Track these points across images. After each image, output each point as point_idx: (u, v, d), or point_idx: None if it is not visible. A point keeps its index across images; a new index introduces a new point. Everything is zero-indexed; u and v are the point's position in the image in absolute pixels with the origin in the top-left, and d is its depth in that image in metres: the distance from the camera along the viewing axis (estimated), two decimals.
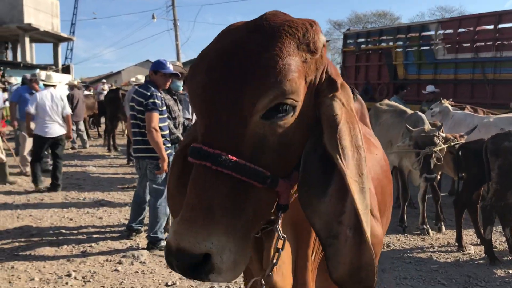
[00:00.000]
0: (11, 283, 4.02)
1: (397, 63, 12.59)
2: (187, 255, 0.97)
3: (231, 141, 1.02)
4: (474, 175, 4.98)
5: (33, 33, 24.78)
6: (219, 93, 1.02)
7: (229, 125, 1.02)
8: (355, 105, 2.48)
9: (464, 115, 7.18)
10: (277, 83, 1.00)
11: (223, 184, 1.01)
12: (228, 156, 1.00)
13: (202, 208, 0.99)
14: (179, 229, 0.99)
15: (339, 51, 50.49)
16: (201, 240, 0.97)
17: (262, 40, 1.04)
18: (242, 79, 1.01)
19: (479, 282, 4.21)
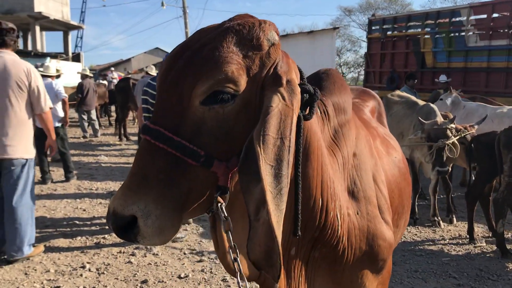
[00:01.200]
0: (27, 275, 4.09)
1: (426, 50, 12.08)
2: (117, 217, 1.10)
3: (172, 121, 1.14)
4: (487, 168, 4.95)
5: (43, 21, 24.85)
6: (167, 80, 1.17)
7: (172, 108, 1.15)
8: (373, 103, 2.49)
9: (476, 105, 7.09)
10: (214, 72, 1.12)
11: (159, 157, 1.13)
12: (165, 133, 1.12)
13: (139, 176, 1.12)
14: (117, 194, 1.13)
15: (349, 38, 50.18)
16: (130, 203, 1.09)
17: (210, 36, 1.18)
18: (185, 68, 1.14)
19: (490, 276, 4.21)
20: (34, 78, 4.21)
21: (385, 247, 1.58)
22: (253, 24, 1.20)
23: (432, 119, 5.50)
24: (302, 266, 1.48)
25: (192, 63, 1.14)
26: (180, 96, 1.14)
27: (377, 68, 13.68)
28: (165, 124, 1.14)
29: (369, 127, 2.07)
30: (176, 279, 4.05)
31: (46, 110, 4.36)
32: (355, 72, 53.73)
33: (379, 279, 1.64)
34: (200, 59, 1.14)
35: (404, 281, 4.10)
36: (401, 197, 1.99)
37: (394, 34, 13.36)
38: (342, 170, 1.51)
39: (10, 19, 23.85)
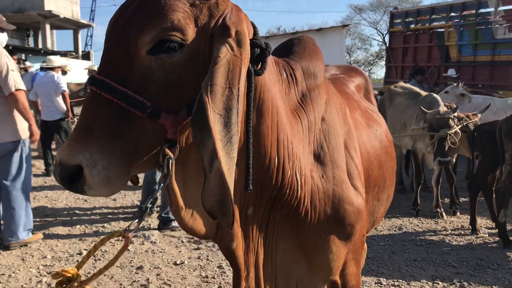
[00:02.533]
0: (24, 260, 4.10)
1: (450, 43, 11.63)
2: (63, 167, 1.08)
3: (119, 71, 1.12)
4: (489, 157, 4.88)
5: (53, 20, 25.03)
6: (114, 30, 1.15)
7: (118, 58, 1.13)
8: (360, 80, 2.45)
9: (483, 98, 6.97)
10: (160, 20, 1.10)
11: (105, 108, 1.11)
12: (111, 83, 1.10)
13: (85, 128, 1.10)
14: (63, 146, 1.12)
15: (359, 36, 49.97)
16: (76, 154, 1.08)
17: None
18: (131, 17, 1.13)
19: (491, 265, 4.14)
20: None
21: (352, 212, 1.55)
22: None
23: (434, 109, 5.42)
24: (262, 227, 1.47)
25: (139, 12, 1.13)
26: (127, 46, 1.12)
27: (399, 62, 13.29)
28: (111, 74, 1.12)
29: (351, 99, 2.05)
30: (171, 266, 4.04)
31: (12, 90, 4.06)
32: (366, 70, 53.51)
33: (349, 246, 1.60)
34: (146, 8, 1.12)
35: (402, 269, 4.04)
36: (382, 169, 1.96)
37: (417, 28, 12.92)
38: (307, 133, 1.49)
39: (21, 18, 24.13)
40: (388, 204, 2.19)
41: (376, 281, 3.80)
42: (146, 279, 3.76)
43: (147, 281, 3.74)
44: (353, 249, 1.65)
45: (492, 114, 6.06)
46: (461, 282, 3.78)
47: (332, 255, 1.57)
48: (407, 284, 3.76)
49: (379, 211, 2.06)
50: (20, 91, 4.14)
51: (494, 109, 6.17)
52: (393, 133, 6.36)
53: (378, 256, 4.32)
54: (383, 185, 2.00)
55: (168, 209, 4.84)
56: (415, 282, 3.78)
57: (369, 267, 4.05)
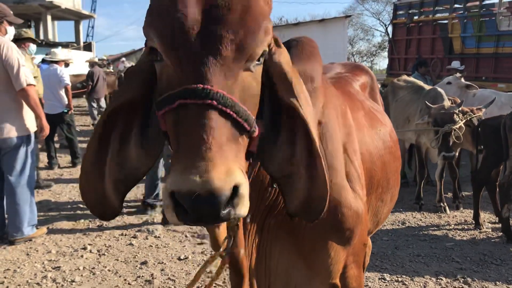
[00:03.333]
0: (29, 255, 4.12)
1: (454, 35, 11.44)
2: (221, 194, 0.91)
3: (227, 84, 1.02)
4: (493, 152, 4.86)
5: (54, 10, 24.95)
6: (213, 39, 1.02)
7: (226, 70, 1.02)
8: (365, 78, 2.44)
9: (489, 92, 6.90)
10: (266, 34, 1.09)
11: (226, 123, 1.00)
12: (230, 97, 1.00)
13: (215, 146, 0.95)
14: (199, 172, 0.91)
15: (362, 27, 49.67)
16: (229, 175, 0.93)
17: None
18: (241, 24, 1.03)
19: (494, 260, 4.15)
20: (7, 53, 4.04)
21: (350, 216, 1.53)
22: None
23: (439, 103, 5.40)
24: (256, 233, 1.47)
25: (250, 20, 1.05)
26: (238, 58, 1.04)
27: (402, 54, 13.14)
28: (222, 86, 1.01)
29: (354, 99, 2.03)
30: (175, 261, 4.05)
31: (23, 86, 4.09)
32: (368, 61, 53.29)
33: (348, 249, 1.59)
34: (255, 16, 1.06)
35: (405, 265, 4.05)
36: (385, 170, 1.95)
37: (420, 19, 12.78)
38: None
39: (22, 9, 24.03)
40: (392, 204, 2.18)
41: (380, 277, 3.81)
42: (150, 274, 3.78)
43: (151, 276, 3.76)
44: (354, 252, 1.64)
45: (497, 108, 6.02)
46: (464, 278, 3.79)
47: (331, 259, 1.56)
48: (410, 280, 3.77)
49: (383, 212, 2.05)
50: (31, 86, 4.15)
51: (499, 104, 6.12)
52: (396, 127, 6.34)
53: (382, 252, 4.33)
54: (387, 186, 2.00)
55: None
56: (418, 278, 3.79)
57: (373, 263, 4.05)
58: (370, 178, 1.84)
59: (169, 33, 1.03)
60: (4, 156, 4.23)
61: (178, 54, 1.03)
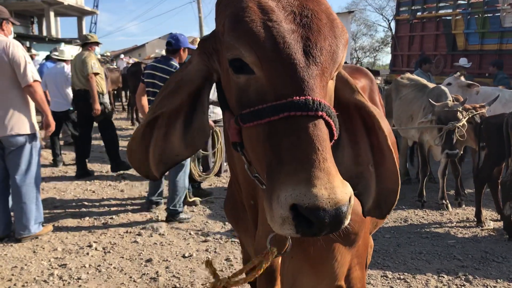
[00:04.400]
0: (36, 253, 4.18)
1: (457, 32, 11.43)
2: (344, 206, 0.95)
3: (324, 95, 1.05)
4: (495, 150, 4.88)
5: (57, 7, 24.98)
6: (308, 51, 1.04)
7: (322, 81, 1.05)
8: (365, 81, 2.47)
9: (492, 89, 6.89)
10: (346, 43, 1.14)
11: (328, 134, 1.03)
12: (332, 108, 1.04)
13: (329, 159, 0.97)
14: (324, 186, 0.93)
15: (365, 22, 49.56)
16: (345, 186, 0.97)
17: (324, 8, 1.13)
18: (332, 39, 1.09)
19: (495, 258, 4.18)
20: (13, 51, 4.11)
21: (356, 221, 1.57)
22: None
23: (443, 101, 5.42)
24: None
25: (337, 35, 1.11)
26: (332, 68, 1.08)
27: (405, 51, 13.11)
28: (324, 97, 1.04)
29: None
30: (180, 258, 4.10)
31: (30, 82, 4.14)
32: (371, 56, 53.17)
33: (353, 252, 1.63)
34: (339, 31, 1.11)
35: (407, 262, 4.09)
36: None
37: (423, 15, 12.73)
38: None
39: (25, 5, 24.08)
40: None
41: (382, 274, 3.85)
42: (155, 272, 3.83)
43: (156, 274, 3.80)
44: (357, 254, 1.68)
45: (501, 105, 6.04)
46: (466, 275, 3.82)
47: (337, 263, 1.59)
48: (412, 277, 3.81)
49: None
50: (36, 82, 4.22)
51: (503, 101, 6.13)
52: (399, 125, 6.38)
53: (384, 249, 4.36)
54: None
55: (175, 202, 4.89)
56: (420, 275, 3.83)
57: (375, 260, 4.09)
58: None
59: (268, 46, 1.04)
60: (10, 155, 4.27)
61: (279, 67, 1.03)
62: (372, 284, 3.70)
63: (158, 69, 4.83)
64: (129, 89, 13.21)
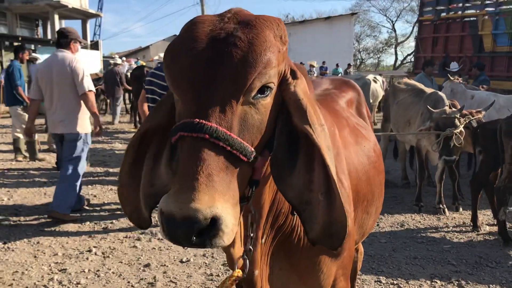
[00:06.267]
0: (36, 258, 4.26)
1: (484, 33, 10.93)
2: (194, 222, 1.00)
3: (224, 117, 1.12)
4: (491, 155, 4.94)
5: (61, 10, 25.12)
6: (212, 75, 1.12)
7: (223, 104, 1.12)
8: (352, 94, 2.53)
9: (487, 94, 6.92)
10: (267, 68, 1.14)
11: (218, 155, 1.09)
12: (223, 130, 1.10)
13: (202, 177, 1.04)
14: (181, 198, 1.02)
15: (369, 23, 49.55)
16: (208, 205, 1.02)
17: (246, 30, 1.16)
18: (238, 62, 1.12)
19: (489, 263, 4.23)
20: (75, 65, 5.05)
21: None
22: (275, 21, 1.24)
23: (440, 107, 5.47)
24: (266, 254, 1.56)
25: (245, 58, 1.13)
26: (234, 92, 1.12)
27: (428, 53, 12.73)
28: (219, 120, 1.11)
29: (340, 117, 2.13)
30: (178, 263, 4.17)
31: (85, 91, 5.06)
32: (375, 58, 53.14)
33: (338, 263, 1.70)
34: (254, 54, 1.13)
35: (402, 267, 4.15)
36: (370, 184, 2.05)
37: (448, 16, 12.30)
38: None
39: (30, 8, 24.24)
40: (377, 215, 2.28)
41: (376, 279, 3.91)
42: (153, 277, 3.90)
43: (154, 279, 3.88)
44: (342, 266, 1.75)
45: (495, 111, 6.08)
46: (459, 280, 3.88)
47: (323, 275, 1.66)
48: (406, 282, 3.86)
49: (368, 223, 2.16)
50: (91, 92, 5.18)
51: (497, 106, 6.18)
52: (397, 129, 6.44)
53: (379, 254, 4.42)
54: (372, 199, 2.10)
55: None
56: (414, 281, 3.88)
57: (370, 265, 4.15)
58: (357, 193, 1.94)
59: (176, 72, 1.17)
60: (65, 147, 5.18)
61: (182, 91, 1.15)
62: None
63: (157, 77, 4.89)
64: (132, 92, 13.31)
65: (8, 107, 9.02)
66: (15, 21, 24.89)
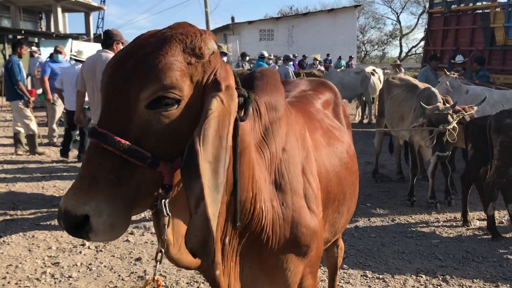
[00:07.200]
0: (31, 251, 4.36)
1: (496, 25, 10.67)
2: (70, 216, 1.17)
3: (119, 124, 1.23)
4: (481, 151, 4.97)
5: (64, 2, 25.19)
6: (114, 85, 1.25)
7: (118, 111, 1.23)
8: (329, 95, 2.58)
9: (481, 89, 6.91)
10: (158, 78, 1.21)
11: (108, 159, 1.21)
12: (113, 136, 1.20)
13: (89, 177, 1.20)
14: (68, 194, 1.20)
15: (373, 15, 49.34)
16: (82, 203, 1.17)
17: (154, 44, 1.26)
18: (131, 73, 1.23)
19: (476, 258, 4.28)
20: None
21: (308, 234, 1.71)
22: (195, 34, 1.30)
23: (433, 103, 5.49)
24: (233, 253, 1.62)
25: (138, 70, 1.23)
26: (127, 100, 1.22)
27: (438, 46, 12.56)
28: (113, 127, 1.22)
29: (313, 119, 2.18)
30: None
31: None
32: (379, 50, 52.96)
33: (305, 262, 1.77)
34: (146, 65, 1.22)
35: (389, 262, 4.21)
36: (341, 185, 2.11)
37: (459, 8, 12.03)
38: (269, 165, 1.64)
39: (32, 1, 24.31)
40: (349, 215, 2.35)
41: (362, 274, 3.98)
42: (143, 271, 3.99)
43: (144, 272, 3.96)
44: (310, 264, 1.81)
45: (489, 106, 6.10)
46: (444, 275, 3.93)
47: (290, 273, 1.73)
48: (391, 277, 3.92)
49: (340, 222, 2.22)
50: None
51: (491, 102, 6.19)
52: (391, 124, 6.47)
53: (368, 249, 4.48)
54: (343, 199, 2.16)
55: None
56: (399, 276, 3.94)
57: (357, 260, 4.22)
58: (327, 193, 2.00)
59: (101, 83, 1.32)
60: None
61: (101, 100, 1.30)
62: (351, 284, 3.83)
63: None
64: None
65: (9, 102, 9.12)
66: (18, 14, 24.97)
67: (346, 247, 4.50)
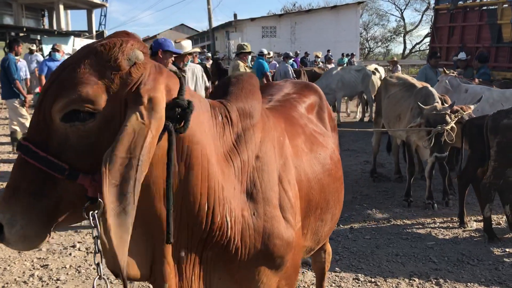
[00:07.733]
0: (20, 253, 4.31)
1: (503, 22, 10.41)
2: None
3: (40, 137, 1.24)
4: (479, 151, 4.89)
5: (67, 0, 25.19)
6: (39, 97, 1.27)
7: (39, 125, 1.25)
8: (314, 98, 2.50)
9: (480, 88, 6.81)
10: (68, 92, 1.20)
11: (29, 170, 1.23)
12: (32, 148, 1.22)
13: (11, 188, 1.24)
14: None
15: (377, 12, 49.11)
16: (0, 212, 1.21)
17: (76, 57, 1.28)
18: (49, 88, 1.25)
19: (471, 261, 4.21)
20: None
21: (281, 246, 1.64)
22: (114, 45, 1.26)
23: (430, 103, 5.40)
24: (195, 266, 1.55)
25: (54, 83, 1.24)
26: (44, 114, 1.24)
27: (444, 43, 12.34)
28: (34, 139, 1.24)
29: (295, 125, 2.11)
30: None
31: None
32: (383, 46, 52.75)
33: (280, 274, 1.70)
34: (60, 80, 1.23)
35: (382, 264, 4.14)
36: (324, 192, 2.04)
37: (466, 4, 11.86)
38: (239, 173, 1.57)
39: None
40: (333, 223, 2.27)
41: (354, 277, 3.91)
42: None
43: None
44: (285, 276, 1.74)
45: (488, 105, 6.00)
46: (437, 279, 3.87)
47: (263, 285, 1.66)
48: (384, 280, 3.86)
49: (323, 230, 2.14)
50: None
51: (490, 101, 6.10)
52: (388, 124, 6.40)
53: (361, 251, 4.42)
54: (326, 207, 2.09)
55: None
56: (392, 279, 3.88)
57: (350, 262, 4.16)
58: (309, 201, 1.93)
59: None
60: None
61: None
62: (342, 287, 3.77)
63: None
64: None
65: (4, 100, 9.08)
66: (20, 11, 25.00)
67: (339, 249, 4.45)
